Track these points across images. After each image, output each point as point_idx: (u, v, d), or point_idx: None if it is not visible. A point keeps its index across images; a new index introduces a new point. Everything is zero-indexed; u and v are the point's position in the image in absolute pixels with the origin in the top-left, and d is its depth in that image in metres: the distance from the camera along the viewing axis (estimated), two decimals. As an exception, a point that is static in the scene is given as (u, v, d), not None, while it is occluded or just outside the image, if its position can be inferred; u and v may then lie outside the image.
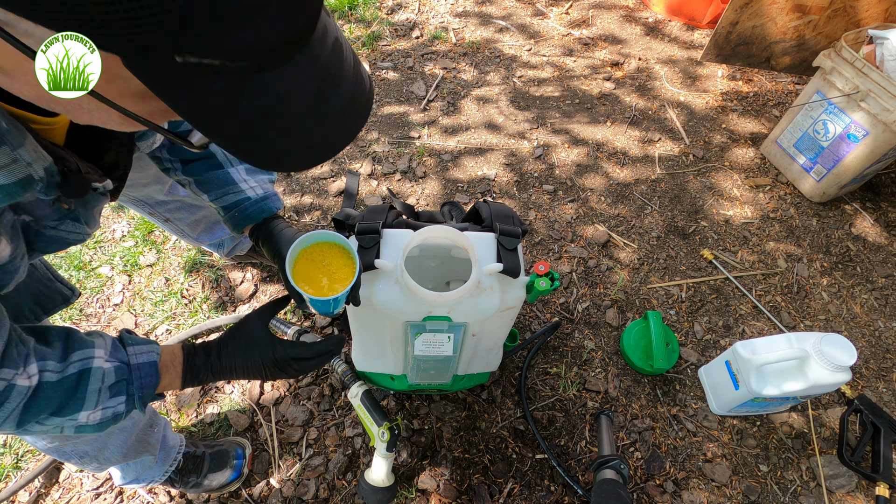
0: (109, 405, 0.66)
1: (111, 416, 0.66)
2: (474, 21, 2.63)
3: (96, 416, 0.65)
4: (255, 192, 0.96)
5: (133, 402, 0.68)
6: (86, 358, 0.65)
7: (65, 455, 0.94)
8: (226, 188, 0.94)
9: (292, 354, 0.77)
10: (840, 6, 1.95)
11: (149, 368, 0.70)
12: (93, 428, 0.66)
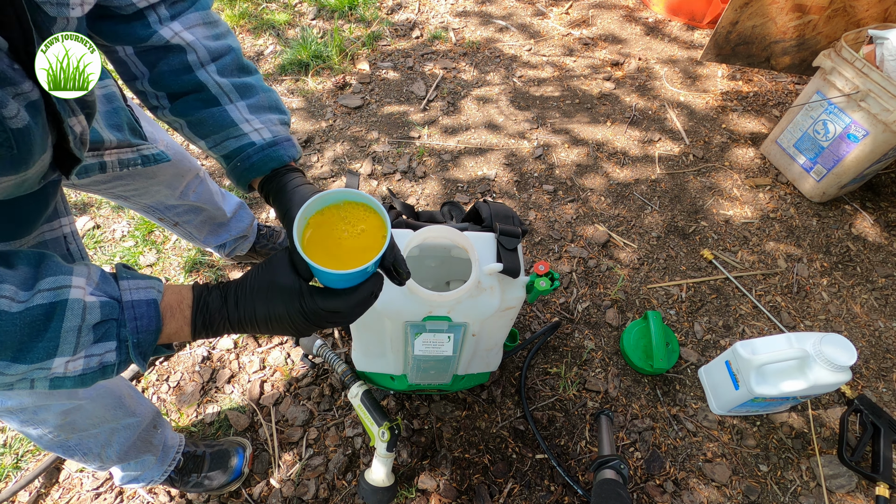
0: (94, 352, 0.52)
1: (97, 366, 0.52)
2: (474, 21, 2.63)
3: (77, 366, 0.51)
4: (262, 136, 0.76)
5: (126, 350, 0.54)
6: (59, 287, 0.50)
7: (69, 450, 0.94)
8: (225, 131, 0.75)
9: (325, 306, 0.58)
10: (840, 6, 1.95)
11: (146, 308, 0.54)
12: (73, 381, 0.52)
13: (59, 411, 0.87)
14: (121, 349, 0.53)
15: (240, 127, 0.75)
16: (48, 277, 0.50)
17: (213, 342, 1.49)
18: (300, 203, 0.68)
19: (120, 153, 0.88)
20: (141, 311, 0.54)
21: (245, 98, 0.76)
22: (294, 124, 2.10)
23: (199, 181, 1.26)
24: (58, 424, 0.88)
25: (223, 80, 0.74)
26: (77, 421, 0.91)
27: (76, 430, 0.92)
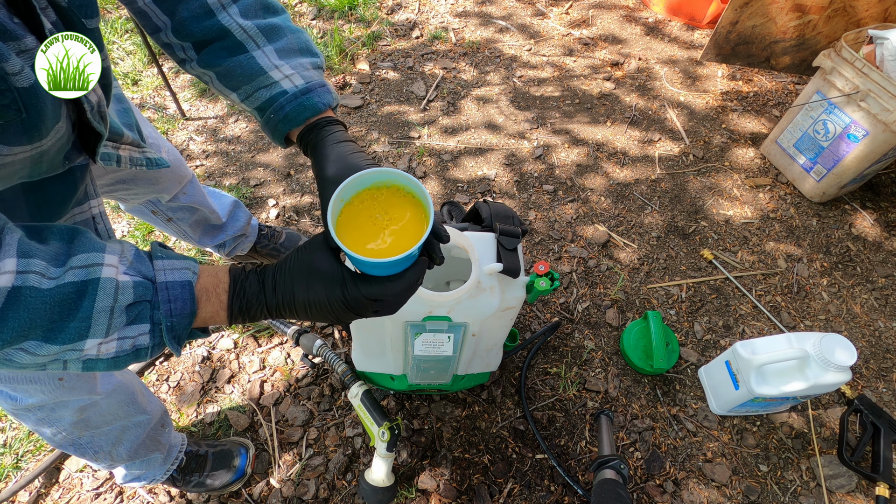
0: (127, 335, 0.50)
1: (130, 349, 0.50)
2: (474, 21, 2.63)
3: (110, 348, 0.49)
4: (293, 83, 0.70)
5: (159, 333, 0.51)
6: (92, 265, 0.47)
7: (80, 448, 0.95)
8: (255, 81, 0.69)
9: (368, 294, 0.55)
10: (840, 6, 1.95)
11: (181, 290, 0.52)
12: (106, 363, 0.50)
13: (77, 408, 0.87)
14: (154, 332, 0.51)
15: (270, 75, 0.69)
16: (80, 254, 0.48)
17: (214, 342, 1.49)
18: (336, 162, 0.64)
19: (132, 151, 0.86)
20: (175, 293, 0.51)
21: (272, 41, 0.70)
22: (294, 124, 2.10)
23: (189, 184, 1.27)
24: (73, 422, 0.89)
25: (247, 22, 0.69)
26: (91, 418, 0.91)
27: (89, 427, 0.92)
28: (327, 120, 0.70)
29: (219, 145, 2.02)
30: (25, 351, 0.45)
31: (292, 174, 1.92)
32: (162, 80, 2.03)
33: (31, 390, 0.80)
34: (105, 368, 0.50)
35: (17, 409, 0.83)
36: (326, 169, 0.64)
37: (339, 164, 0.63)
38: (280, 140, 0.73)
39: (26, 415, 0.85)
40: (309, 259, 0.56)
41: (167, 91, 2.03)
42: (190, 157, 1.99)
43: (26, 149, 0.50)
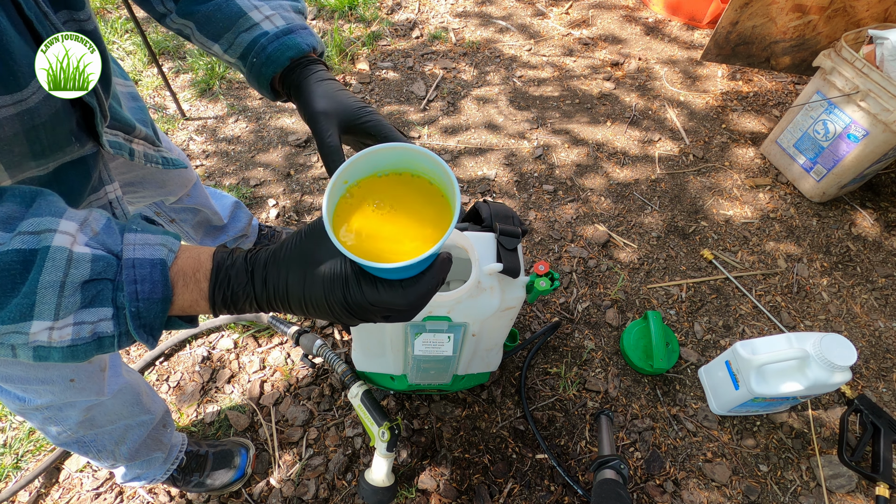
0: (85, 319, 0.41)
1: (90, 337, 0.42)
2: (474, 21, 2.63)
3: (65, 335, 0.41)
4: (274, 24, 0.67)
5: (123, 320, 0.42)
6: (43, 230, 0.40)
7: (84, 447, 0.96)
8: (235, 25, 0.66)
9: (375, 300, 0.44)
10: (840, 6, 1.95)
11: (150, 270, 0.43)
12: (61, 353, 0.41)
13: (84, 408, 0.88)
14: (118, 318, 0.42)
15: (249, 16, 0.66)
16: (33, 218, 0.40)
17: (214, 342, 1.49)
18: (325, 97, 0.60)
19: (146, 147, 0.82)
20: (144, 272, 0.42)
21: None
22: (294, 124, 2.10)
23: (193, 186, 1.27)
24: (79, 421, 0.89)
25: None
26: (96, 417, 0.92)
27: (94, 426, 0.93)
28: (310, 59, 0.67)
29: (219, 145, 2.02)
30: None
31: (292, 174, 1.92)
32: (162, 80, 2.03)
33: (41, 391, 0.80)
34: (60, 359, 0.42)
35: (26, 409, 0.83)
36: (315, 104, 0.61)
37: (328, 100, 0.60)
38: (266, 88, 0.69)
39: (34, 414, 0.85)
40: (308, 249, 0.46)
41: (167, 91, 2.03)
42: (190, 156, 1.99)
43: (7, 101, 0.44)
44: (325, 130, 0.56)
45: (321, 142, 0.57)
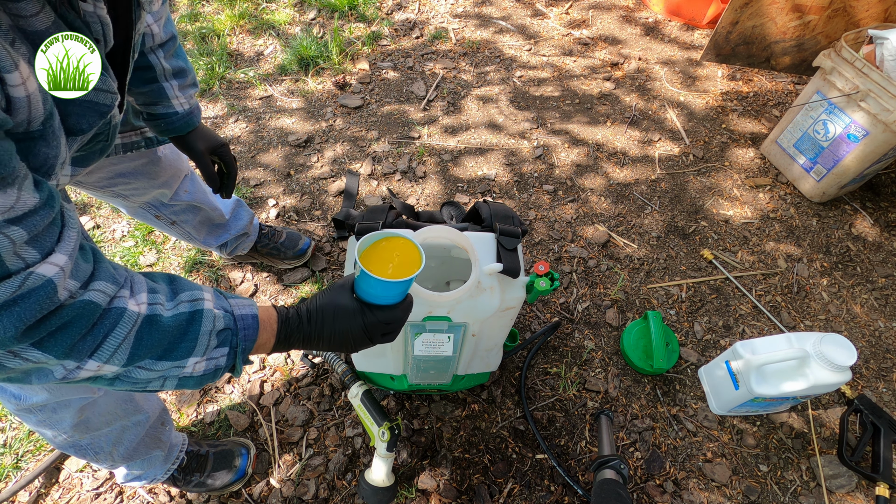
0: (214, 356, 0.60)
1: (213, 369, 0.61)
2: (474, 21, 2.63)
3: (201, 367, 0.60)
4: (183, 107, 1.01)
5: (234, 356, 0.63)
6: (196, 299, 0.60)
7: (81, 450, 0.96)
8: (158, 101, 0.98)
9: (382, 318, 0.70)
10: (840, 6, 1.95)
11: (251, 321, 0.64)
12: (195, 381, 0.60)
13: (77, 408, 0.88)
14: (230, 355, 0.62)
15: (171, 102, 0.99)
16: (186, 292, 0.60)
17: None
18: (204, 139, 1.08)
19: (123, 137, 0.99)
20: (247, 322, 0.63)
21: (178, 78, 0.99)
22: (294, 124, 2.10)
23: (188, 180, 1.27)
24: (73, 424, 0.89)
25: (167, 63, 0.95)
26: (91, 419, 0.92)
27: (89, 429, 0.93)
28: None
29: (219, 145, 2.02)
30: (143, 368, 0.55)
31: (292, 174, 1.92)
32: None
33: (36, 387, 0.81)
34: (192, 386, 0.61)
35: (21, 408, 0.84)
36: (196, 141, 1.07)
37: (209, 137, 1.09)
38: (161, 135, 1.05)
39: (28, 415, 0.86)
40: (333, 298, 0.70)
41: (167, 91, 2.03)
42: (190, 157, 1.99)
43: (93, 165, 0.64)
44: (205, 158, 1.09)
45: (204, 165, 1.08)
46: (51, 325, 0.47)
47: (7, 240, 0.44)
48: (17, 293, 0.45)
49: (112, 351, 0.52)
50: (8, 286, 0.44)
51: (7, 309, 0.44)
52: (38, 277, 0.46)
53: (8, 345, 0.46)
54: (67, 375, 0.51)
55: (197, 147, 1.08)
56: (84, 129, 0.59)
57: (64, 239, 0.50)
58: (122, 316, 0.52)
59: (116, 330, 0.52)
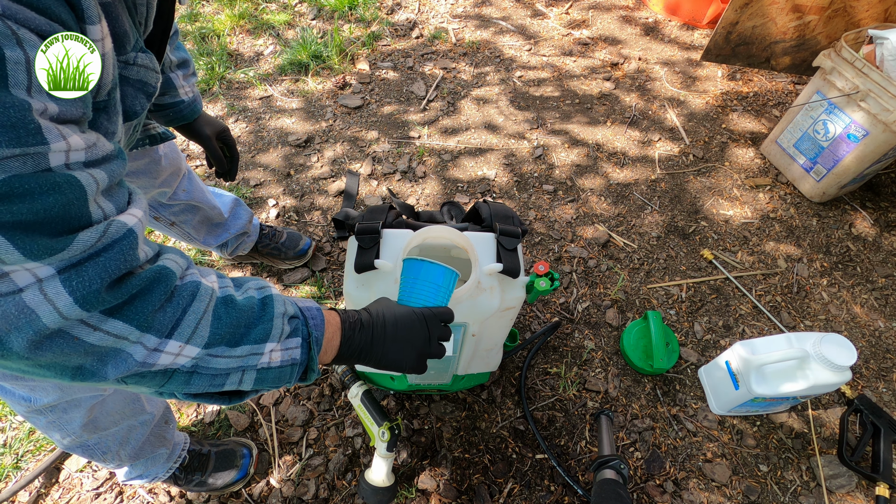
0: (289, 346, 0.58)
1: (290, 362, 0.58)
2: (474, 21, 2.63)
3: (278, 357, 0.57)
4: (188, 96, 1.06)
5: (308, 348, 0.60)
6: (263, 287, 0.60)
7: (88, 450, 0.96)
8: (166, 91, 1.02)
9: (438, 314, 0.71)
10: (840, 6, 1.95)
11: (317, 312, 0.62)
12: (273, 376, 0.57)
13: (87, 407, 0.88)
14: (303, 347, 0.60)
15: (178, 91, 1.03)
16: (252, 281, 0.60)
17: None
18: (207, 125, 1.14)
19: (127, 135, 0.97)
20: (313, 313, 0.62)
21: (182, 69, 1.04)
22: (293, 124, 2.10)
23: (186, 179, 1.27)
24: (82, 424, 0.90)
25: (172, 55, 1.00)
26: (99, 419, 0.92)
27: (98, 429, 0.93)
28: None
29: (219, 145, 2.02)
30: (221, 356, 0.52)
31: (292, 174, 1.92)
32: (162, 81, 2.03)
33: (48, 388, 0.80)
34: (272, 380, 0.57)
35: (31, 410, 0.84)
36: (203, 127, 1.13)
37: (210, 123, 1.15)
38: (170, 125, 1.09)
39: (38, 417, 0.86)
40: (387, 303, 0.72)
41: (167, 91, 2.03)
42: (190, 156, 1.99)
43: None
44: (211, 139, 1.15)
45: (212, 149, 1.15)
46: (131, 286, 0.45)
47: (91, 179, 0.42)
48: (101, 242, 0.43)
49: (192, 328, 0.49)
50: (92, 234, 0.42)
51: (92, 260, 0.42)
52: (119, 226, 0.44)
53: (93, 303, 0.43)
54: (147, 359, 0.47)
55: (204, 132, 1.13)
56: (137, 111, 0.59)
57: (134, 201, 0.50)
58: (199, 289, 0.51)
59: (195, 304, 0.50)
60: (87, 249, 0.42)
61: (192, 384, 0.52)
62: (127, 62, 0.57)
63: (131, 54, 0.57)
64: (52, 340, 0.42)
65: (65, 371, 0.44)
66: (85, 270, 0.42)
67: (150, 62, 0.60)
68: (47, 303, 0.40)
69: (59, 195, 0.40)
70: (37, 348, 0.41)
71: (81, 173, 0.42)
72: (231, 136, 1.21)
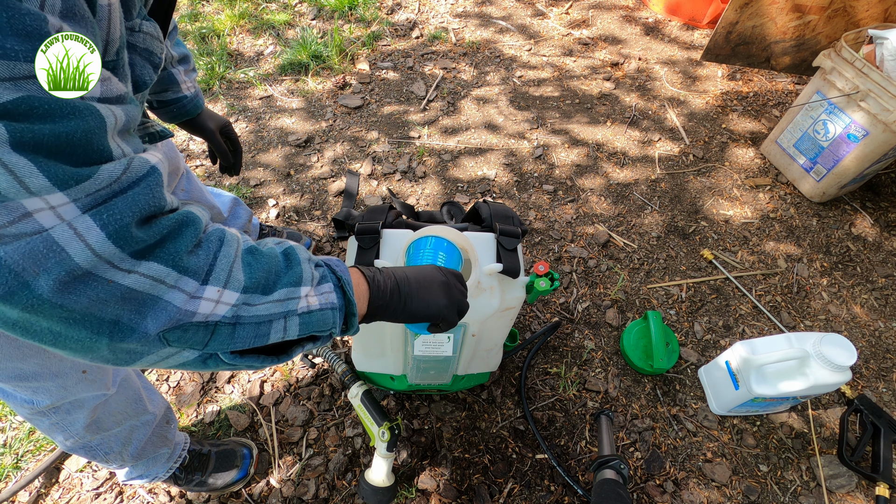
0: (323, 290, 0.56)
1: (329, 305, 0.56)
2: (474, 21, 2.63)
3: (315, 301, 0.55)
4: (190, 91, 1.07)
5: (342, 292, 0.58)
6: (281, 241, 0.60)
7: (91, 451, 0.96)
8: (169, 86, 1.03)
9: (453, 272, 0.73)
10: (840, 6, 1.95)
11: (340, 262, 0.61)
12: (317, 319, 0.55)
13: (91, 408, 0.88)
14: (337, 292, 0.58)
15: (180, 87, 1.05)
16: (268, 239, 0.60)
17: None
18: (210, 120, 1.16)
19: None
20: (335, 261, 0.62)
21: (183, 64, 1.05)
22: (294, 124, 2.10)
23: (185, 178, 1.27)
24: (86, 425, 0.89)
25: (173, 51, 1.01)
26: (102, 419, 0.92)
27: (101, 430, 0.93)
28: None
29: (219, 145, 2.02)
30: (255, 304, 0.50)
31: (292, 174, 1.92)
32: (162, 81, 2.03)
33: (52, 389, 0.80)
34: (316, 326, 0.55)
35: (34, 412, 0.83)
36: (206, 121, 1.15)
37: (213, 118, 1.17)
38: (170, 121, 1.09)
39: (41, 420, 0.85)
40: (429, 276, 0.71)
41: (167, 91, 2.03)
42: (190, 156, 1.99)
43: None
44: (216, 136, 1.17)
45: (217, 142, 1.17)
46: (161, 226, 0.43)
47: (110, 113, 0.41)
48: (125, 176, 0.41)
49: (227, 272, 0.48)
50: (115, 167, 0.41)
51: (120, 195, 0.41)
52: (141, 162, 0.43)
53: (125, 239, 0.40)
54: (187, 306, 0.45)
55: (208, 126, 1.14)
56: (146, 81, 0.59)
57: (151, 148, 0.49)
58: (225, 235, 0.50)
59: (224, 249, 0.49)
60: (113, 184, 0.40)
61: (236, 338, 0.49)
62: (132, 28, 0.56)
63: (136, 20, 0.56)
64: (84, 283, 0.39)
65: (101, 328, 0.41)
66: (114, 205, 0.40)
67: (155, 31, 0.59)
68: (78, 239, 0.38)
69: (81, 121, 0.38)
70: (68, 291, 0.38)
71: (99, 105, 0.41)
72: (234, 131, 1.22)
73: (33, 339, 0.40)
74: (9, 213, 0.36)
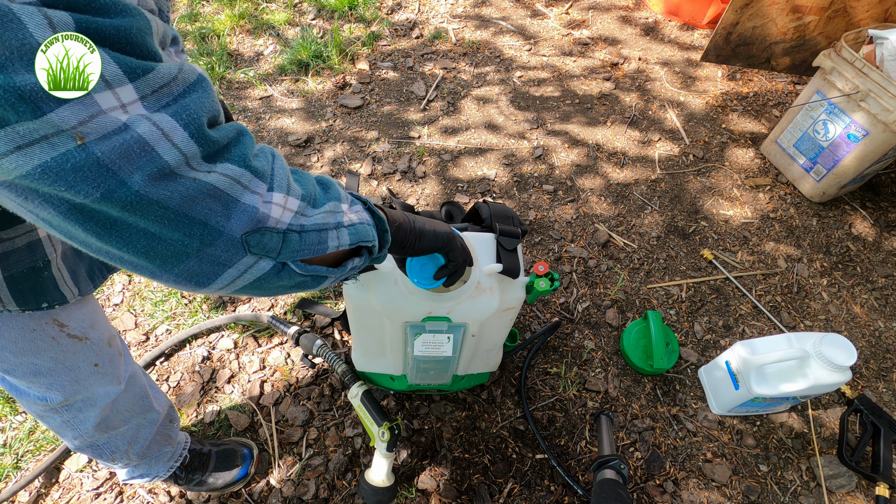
0: (356, 209, 0.60)
1: (365, 221, 0.60)
2: (474, 21, 2.63)
3: (354, 217, 0.59)
4: None
5: (374, 214, 0.63)
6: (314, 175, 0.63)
7: (97, 450, 0.96)
8: None
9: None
10: (840, 6, 1.95)
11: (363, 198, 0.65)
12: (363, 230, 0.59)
13: (102, 406, 0.89)
14: (367, 209, 0.63)
15: None
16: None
17: (214, 342, 1.49)
18: None
19: None
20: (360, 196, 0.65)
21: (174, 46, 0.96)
22: (293, 124, 2.10)
23: None
24: (96, 423, 0.90)
25: None
26: (110, 418, 0.93)
27: (109, 428, 0.94)
28: None
29: (219, 145, 2.02)
30: (311, 215, 0.53)
31: (292, 174, 1.92)
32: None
33: (65, 382, 0.81)
34: (362, 236, 0.59)
35: (46, 409, 0.84)
36: None
37: None
38: None
39: (53, 417, 0.86)
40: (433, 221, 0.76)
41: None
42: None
43: None
44: None
45: None
46: (225, 131, 0.45)
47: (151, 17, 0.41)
48: (181, 76, 0.41)
49: (286, 180, 0.50)
50: (170, 67, 0.40)
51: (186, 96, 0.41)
52: (190, 68, 0.43)
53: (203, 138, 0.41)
54: (263, 208, 0.46)
55: None
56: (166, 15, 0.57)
57: None
58: (274, 150, 0.52)
59: (277, 160, 0.50)
60: (171, 82, 0.40)
61: (304, 245, 0.51)
62: None
63: None
64: (174, 180, 0.40)
65: (192, 229, 0.42)
66: (187, 105, 0.41)
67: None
68: (165, 139, 0.39)
69: (133, 19, 0.38)
70: (161, 188, 0.39)
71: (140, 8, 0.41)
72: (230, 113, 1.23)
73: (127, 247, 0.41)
74: (86, 109, 0.36)
